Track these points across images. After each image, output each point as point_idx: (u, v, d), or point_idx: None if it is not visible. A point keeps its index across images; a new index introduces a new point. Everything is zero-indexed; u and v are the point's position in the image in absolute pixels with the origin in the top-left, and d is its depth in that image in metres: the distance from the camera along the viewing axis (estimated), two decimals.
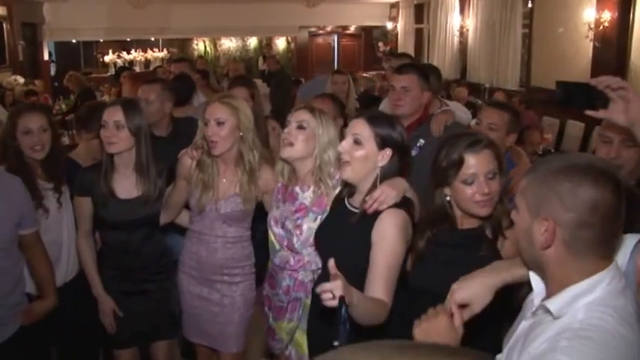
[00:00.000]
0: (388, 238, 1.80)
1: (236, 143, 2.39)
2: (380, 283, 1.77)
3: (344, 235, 1.92)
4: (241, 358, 2.64)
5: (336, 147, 2.13)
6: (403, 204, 1.87)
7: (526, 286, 1.36)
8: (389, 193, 1.84)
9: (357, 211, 1.93)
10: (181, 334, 2.70)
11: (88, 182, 2.44)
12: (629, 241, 1.33)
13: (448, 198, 1.84)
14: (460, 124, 2.93)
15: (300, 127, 2.21)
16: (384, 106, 3.90)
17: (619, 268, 1.20)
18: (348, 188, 2.04)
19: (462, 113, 3.51)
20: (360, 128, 1.89)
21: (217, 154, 2.38)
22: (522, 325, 1.27)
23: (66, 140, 5.30)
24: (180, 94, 3.65)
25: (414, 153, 2.68)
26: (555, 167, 1.18)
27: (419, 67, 3.11)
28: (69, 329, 2.64)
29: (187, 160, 2.46)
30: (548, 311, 1.19)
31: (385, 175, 1.89)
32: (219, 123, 2.35)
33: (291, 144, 2.21)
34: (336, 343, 1.06)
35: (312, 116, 2.23)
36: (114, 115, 2.38)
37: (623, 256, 1.31)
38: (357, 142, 1.88)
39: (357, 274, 1.79)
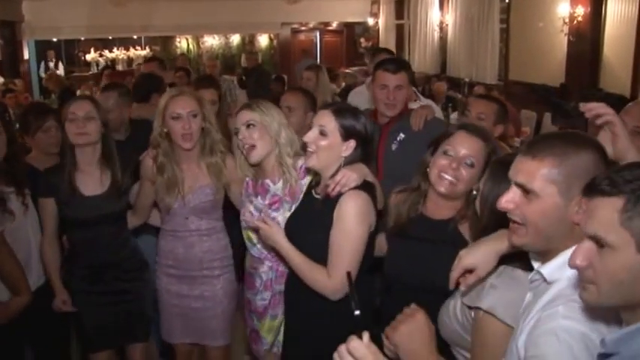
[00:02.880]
0: (346, 219, 1.87)
1: (200, 135, 2.42)
2: (330, 262, 1.86)
3: (309, 222, 1.98)
4: (227, 351, 2.64)
5: (286, 128, 2.25)
6: (364, 187, 1.92)
7: None
8: (350, 175, 1.90)
9: (319, 197, 2.00)
10: (159, 335, 2.67)
11: (52, 183, 2.41)
12: None
13: (428, 169, 1.93)
14: (440, 119, 2.92)
15: (249, 126, 2.24)
16: (354, 97, 3.92)
17: None
18: (316, 179, 2.10)
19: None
20: (326, 120, 1.95)
21: (189, 148, 2.39)
22: (527, 297, 1.31)
23: None
24: (138, 92, 3.71)
25: (394, 147, 2.70)
26: (569, 144, 1.21)
27: (406, 62, 3.14)
28: (42, 335, 2.61)
29: (149, 161, 2.45)
30: (542, 277, 1.24)
31: (348, 164, 1.95)
32: (194, 115, 2.37)
33: (253, 146, 2.24)
34: (357, 313, 1.11)
35: (253, 111, 2.26)
36: (83, 107, 2.39)
37: None
38: (322, 133, 1.95)
39: (321, 256, 1.88)
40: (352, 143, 1.94)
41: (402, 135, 2.71)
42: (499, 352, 1.35)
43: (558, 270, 1.21)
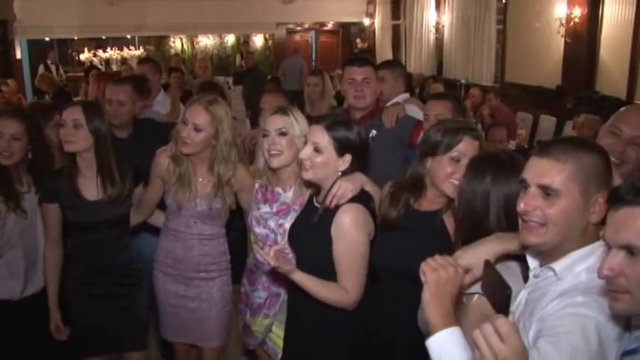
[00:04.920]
0: (345, 233, 1.89)
1: (208, 149, 2.40)
2: (342, 277, 1.90)
3: (309, 232, 2.00)
4: (222, 353, 2.66)
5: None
6: (360, 198, 1.94)
7: None
8: (346, 186, 1.92)
9: (319, 207, 2.00)
10: (159, 335, 2.68)
11: (55, 188, 2.42)
12: None
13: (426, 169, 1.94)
14: (411, 117, 3.01)
15: (282, 134, 2.23)
16: None
17: None
18: (315, 186, 2.09)
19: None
20: (319, 137, 1.94)
21: (185, 153, 2.39)
22: (522, 295, 1.38)
23: None
24: None
25: None
26: (582, 147, 1.29)
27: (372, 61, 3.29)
28: (44, 334, 2.57)
29: (164, 158, 2.46)
30: (552, 271, 1.32)
31: (345, 174, 1.96)
32: (197, 129, 2.34)
33: (280, 152, 2.23)
34: (508, 291, 1.12)
35: (287, 118, 2.24)
36: (72, 115, 2.38)
37: None
38: (317, 150, 1.94)
39: (322, 267, 1.91)
40: (348, 157, 1.95)
41: (374, 132, 2.81)
42: None
43: (567, 269, 1.30)
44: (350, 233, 1.89)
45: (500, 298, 1.11)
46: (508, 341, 1.01)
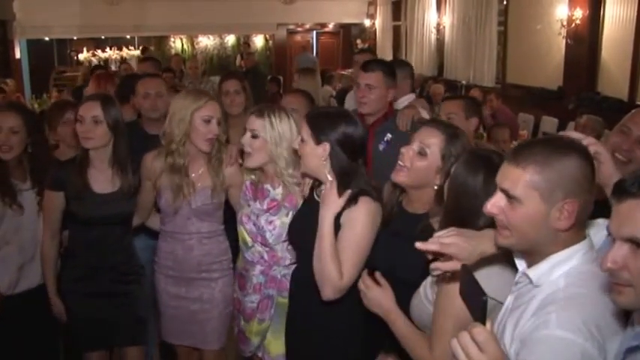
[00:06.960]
0: (358, 224, 1.89)
1: None
2: (342, 259, 1.86)
3: (313, 226, 1.96)
4: (223, 355, 2.65)
5: (289, 149, 2.21)
6: (372, 194, 1.93)
7: None
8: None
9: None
10: (160, 337, 2.67)
11: (63, 177, 2.41)
12: (602, 224, 1.42)
13: None
14: (426, 120, 2.98)
15: (254, 137, 2.25)
16: (350, 102, 3.95)
17: (592, 241, 1.31)
18: (316, 180, 2.09)
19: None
20: (303, 129, 2.01)
21: (208, 151, 2.42)
22: (508, 300, 1.37)
23: None
24: (120, 93, 3.63)
25: (381, 147, 2.78)
26: (552, 150, 1.23)
27: (385, 63, 3.15)
28: (42, 329, 2.59)
29: (149, 161, 2.46)
30: (528, 279, 1.29)
31: (336, 166, 1.94)
32: (218, 122, 2.39)
33: (249, 154, 2.27)
34: (484, 298, 1.10)
35: (262, 121, 2.25)
36: (92, 110, 2.36)
37: (599, 236, 1.41)
38: (302, 141, 2.00)
39: None
40: (326, 146, 1.93)
41: (389, 135, 2.78)
42: (462, 317, 1.33)
43: (545, 274, 1.26)
44: (362, 226, 1.89)
45: (477, 305, 1.08)
46: (487, 350, 1.01)
